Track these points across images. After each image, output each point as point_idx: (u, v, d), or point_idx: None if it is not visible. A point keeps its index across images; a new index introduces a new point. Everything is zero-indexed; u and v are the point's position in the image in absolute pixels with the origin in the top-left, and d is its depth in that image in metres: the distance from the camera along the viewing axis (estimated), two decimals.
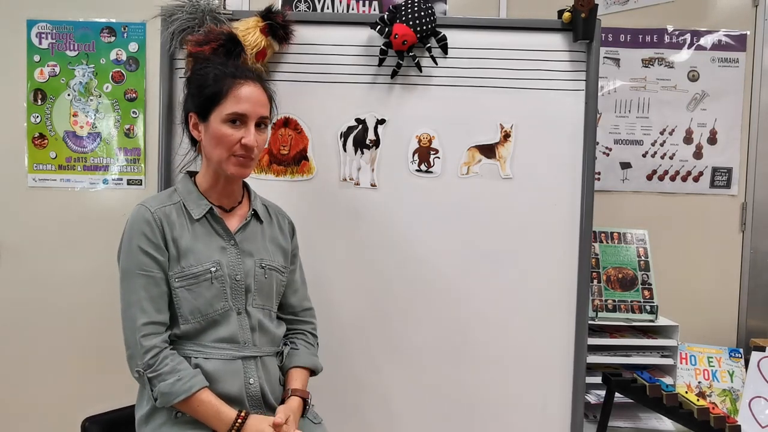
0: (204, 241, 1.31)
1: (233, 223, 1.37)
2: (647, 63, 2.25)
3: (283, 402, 1.35)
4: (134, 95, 2.20)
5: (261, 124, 1.32)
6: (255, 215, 1.40)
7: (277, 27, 1.57)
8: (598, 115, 2.20)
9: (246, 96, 1.28)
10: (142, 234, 1.26)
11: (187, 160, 1.51)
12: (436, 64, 1.66)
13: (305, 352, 1.44)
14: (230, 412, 1.25)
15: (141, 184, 2.22)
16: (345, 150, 1.70)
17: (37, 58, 2.18)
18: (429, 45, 1.63)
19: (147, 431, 1.28)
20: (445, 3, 2.23)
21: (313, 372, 1.45)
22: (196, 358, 1.28)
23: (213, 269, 1.30)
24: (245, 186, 1.44)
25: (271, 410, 1.33)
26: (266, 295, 1.38)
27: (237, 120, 1.28)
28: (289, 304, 1.48)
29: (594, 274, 2.01)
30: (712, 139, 2.26)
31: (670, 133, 2.26)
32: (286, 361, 1.42)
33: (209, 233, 1.33)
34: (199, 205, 1.33)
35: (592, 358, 1.88)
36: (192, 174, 1.40)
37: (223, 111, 1.28)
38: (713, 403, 1.97)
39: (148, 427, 1.29)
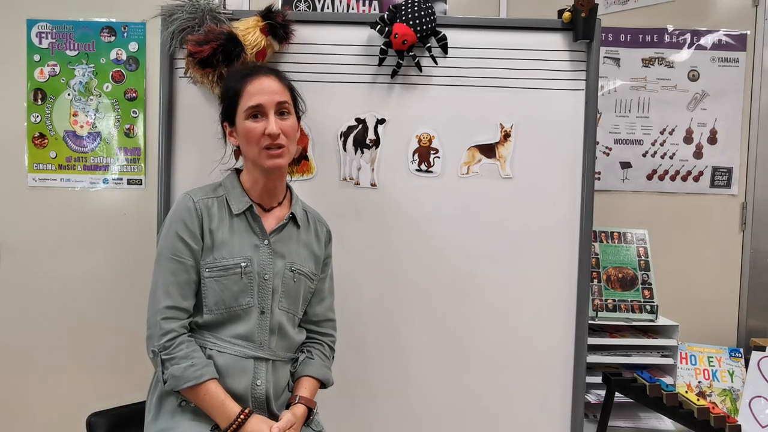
0: (240, 236, 1.34)
1: (270, 223, 1.39)
2: (647, 63, 2.25)
3: (288, 407, 1.36)
4: (134, 95, 2.20)
5: (283, 111, 1.34)
6: (293, 219, 1.41)
7: (277, 27, 1.57)
8: (598, 115, 2.20)
9: (258, 89, 1.32)
10: (182, 221, 1.31)
11: (239, 164, 1.52)
12: (436, 63, 1.66)
13: (320, 363, 1.44)
14: (234, 407, 1.26)
15: (141, 184, 2.22)
16: (345, 150, 1.70)
17: (37, 57, 2.18)
18: (429, 45, 1.63)
19: (150, 419, 1.31)
20: (445, 3, 2.23)
21: (323, 385, 1.45)
22: (211, 349, 1.31)
23: (243, 264, 1.32)
24: (289, 188, 1.46)
25: (272, 415, 1.34)
26: (293, 298, 1.39)
27: (257, 114, 1.32)
28: (314, 313, 1.48)
29: (594, 273, 2.01)
30: (712, 139, 2.26)
31: (670, 133, 2.26)
32: (299, 368, 1.42)
33: (246, 230, 1.36)
34: (240, 201, 1.37)
35: (592, 358, 1.88)
36: (238, 171, 1.44)
37: (242, 109, 1.33)
38: (713, 402, 1.97)
39: (152, 415, 1.32)
